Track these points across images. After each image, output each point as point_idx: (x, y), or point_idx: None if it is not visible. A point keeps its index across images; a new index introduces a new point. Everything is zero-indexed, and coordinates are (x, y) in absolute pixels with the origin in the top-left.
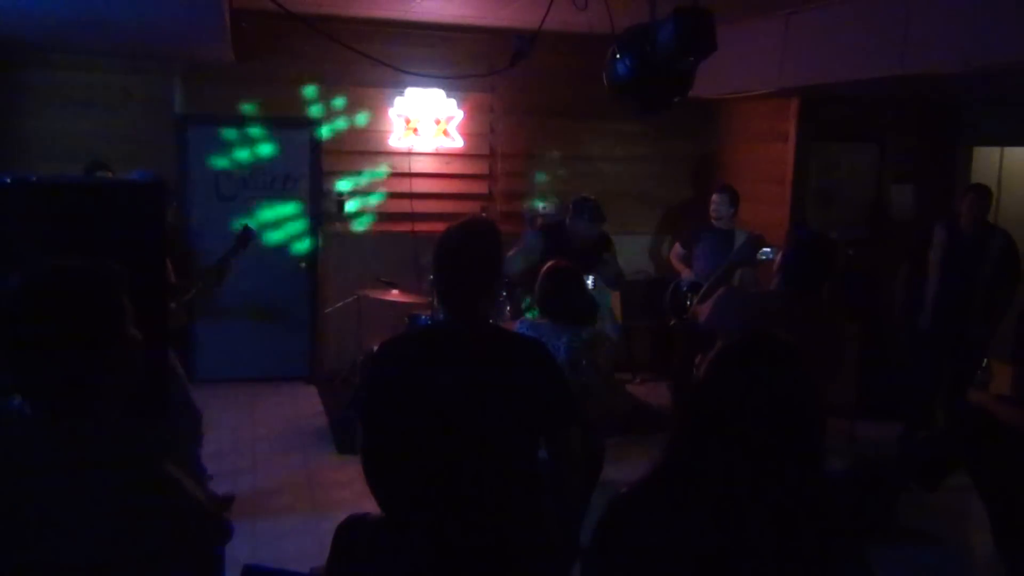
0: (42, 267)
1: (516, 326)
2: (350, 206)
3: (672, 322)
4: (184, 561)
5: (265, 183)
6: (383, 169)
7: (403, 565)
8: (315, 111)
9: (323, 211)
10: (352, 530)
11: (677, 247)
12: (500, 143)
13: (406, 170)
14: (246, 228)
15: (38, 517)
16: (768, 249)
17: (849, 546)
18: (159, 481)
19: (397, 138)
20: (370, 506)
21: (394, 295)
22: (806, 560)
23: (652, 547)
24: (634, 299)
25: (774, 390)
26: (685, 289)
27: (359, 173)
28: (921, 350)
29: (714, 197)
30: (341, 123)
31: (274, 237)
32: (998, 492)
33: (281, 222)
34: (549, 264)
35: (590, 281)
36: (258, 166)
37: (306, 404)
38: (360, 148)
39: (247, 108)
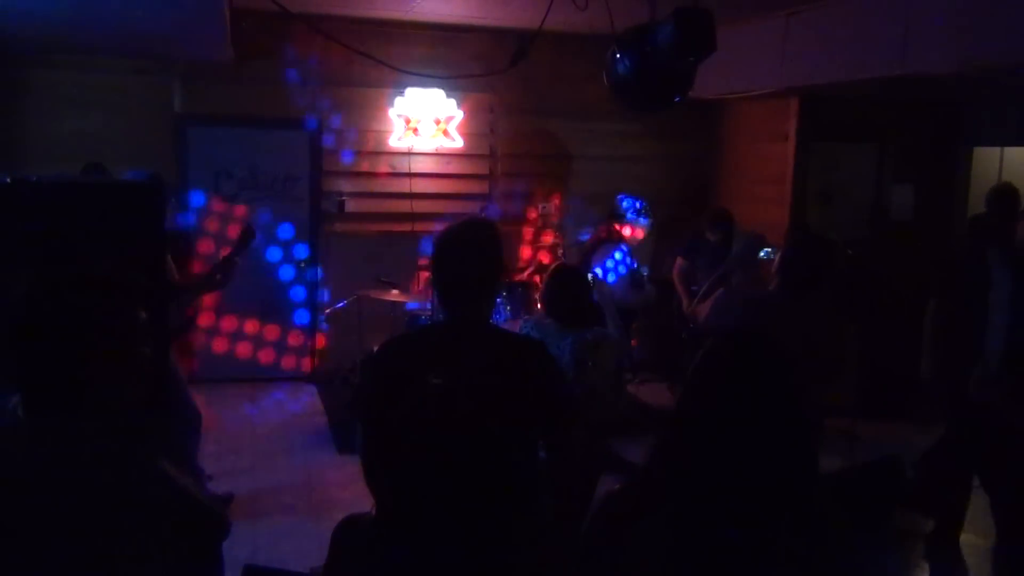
0: (64, 272)
1: (519, 326)
2: (350, 206)
3: (683, 334)
4: (183, 558)
5: (265, 183)
6: (384, 169)
7: (401, 565)
8: (315, 111)
9: (323, 211)
10: (349, 530)
11: (680, 262)
12: (500, 143)
13: (406, 170)
14: (247, 227)
15: (35, 517)
16: (769, 249)
17: (845, 547)
18: (155, 478)
19: (397, 138)
20: (369, 506)
21: (394, 295)
22: (799, 560)
23: (642, 544)
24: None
25: (760, 389)
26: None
27: (359, 173)
28: (969, 421)
29: (708, 235)
30: (341, 123)
31: (274, 237)
32: (1004, 491)
33: (281, 222)
34: (555, 265)
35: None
36: (258, 166)
37: (306, 404)
38: (360, 148)
39: (247, 108)
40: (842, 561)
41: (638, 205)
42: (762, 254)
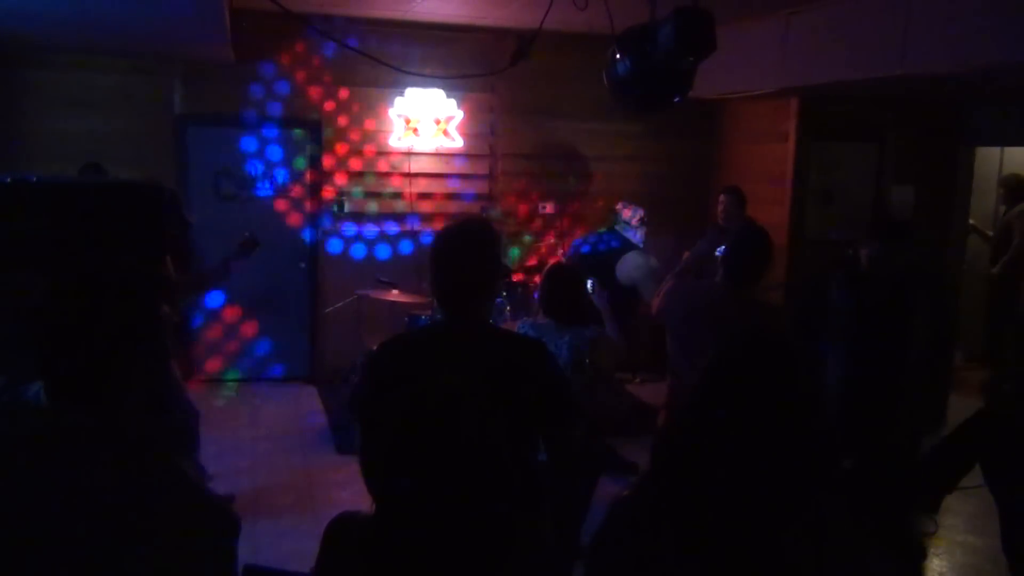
0: (88, 268)
1: (518, 326)
2: (350, 206)
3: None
4: (197, 555)
5: (265, 183)
6: (384, 169)
7: (396, 565)
8: (315, 111)
9: (323, 211)
10: (343, 528)
11: (688, 256)
12: (500, 143)
13: (406, 170)
14: (250, 237)
15: (51, 509)
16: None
17: (846, 547)
18: (170, 475)
19: (397, 138)
20: (369, 506)
21: (394, 295)
22: (801, 560)
23: (652, 550)
24: (634, 298)
25: (773, 394)
26: None
27: (359, 173)
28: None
29: (722, 198)
30: (341, 123)
31: (274, 237)
32: (1010, 491)
33: (281, 222)
34: (551, 265)
35: (588, 283)
36: (258, 166)
37: (306, 404)
38: (360, 148)
39: (247, 108)
40: (843, 561)
41: (641, 214)
42: (719, 251)
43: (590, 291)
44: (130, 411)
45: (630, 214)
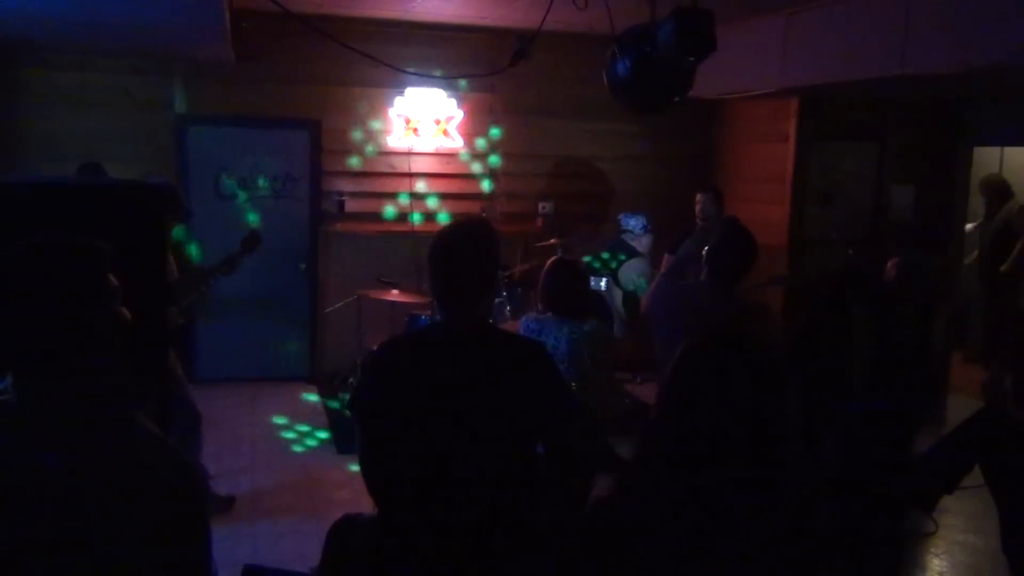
0: (24, 242)
1: (522, 320)
2: (349, 206)
3: None
4: (175, 523)
5: (265, 183)
6: (384, 169)
7: (398, 566)
8: (315, 111)
9: (323, 211)
10: (345, 531)
11: (666, 258)
12: (500, 143)
13: (406, 170)
14: (252, 233)
15: (23, 493)
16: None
17: (845, 546)
18: (142, 440)
19: (397, 138)
20: (369, 506)
21: (394, 295)
22: (798, 559)
23: (632, 549)
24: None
25: (739, 388)
26: None
27: (359, 173)
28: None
29: (698, 197)
30: (341, 123)
31: (274, 237)
32: (1010, 491)
33: (281, 222)
34: (552, 259)
35: (602, 284)
36: (258, 166)
37: (306, 404)
38: (360, 148)
39: (247, 108)
40: (842, 561)
41: (644, 222)
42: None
43: (604, 289)
44: (99, 380)
45: (633, 223)
